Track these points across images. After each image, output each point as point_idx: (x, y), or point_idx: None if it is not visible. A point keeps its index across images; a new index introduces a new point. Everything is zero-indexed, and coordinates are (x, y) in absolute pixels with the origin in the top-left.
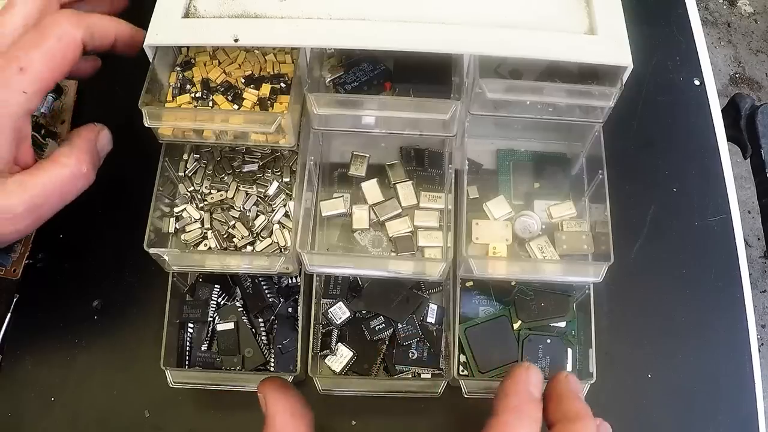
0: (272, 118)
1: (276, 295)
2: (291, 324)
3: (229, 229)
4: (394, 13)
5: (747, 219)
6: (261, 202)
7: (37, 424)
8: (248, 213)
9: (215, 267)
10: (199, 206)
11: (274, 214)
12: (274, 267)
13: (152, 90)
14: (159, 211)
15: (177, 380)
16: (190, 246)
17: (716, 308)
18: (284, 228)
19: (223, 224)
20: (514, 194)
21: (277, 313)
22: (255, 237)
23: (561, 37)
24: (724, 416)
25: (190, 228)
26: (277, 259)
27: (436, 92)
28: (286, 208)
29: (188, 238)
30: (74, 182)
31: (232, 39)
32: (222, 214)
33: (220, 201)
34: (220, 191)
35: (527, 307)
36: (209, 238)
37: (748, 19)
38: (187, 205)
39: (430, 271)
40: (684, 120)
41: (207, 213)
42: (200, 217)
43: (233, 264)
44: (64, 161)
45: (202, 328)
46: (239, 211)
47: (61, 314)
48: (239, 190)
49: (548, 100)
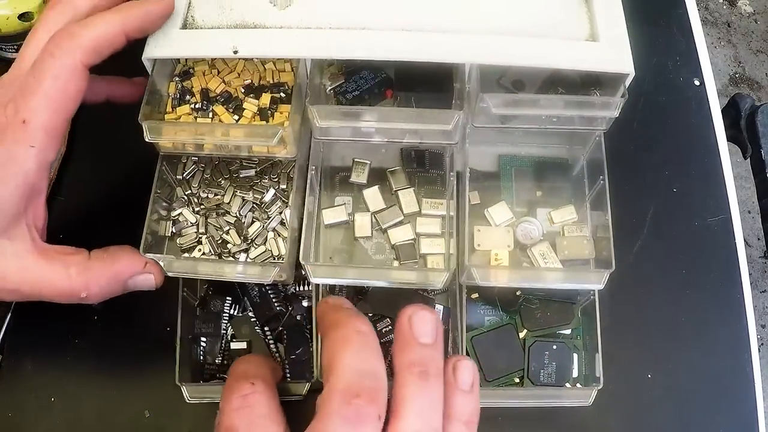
0: (273, 131)
1: (283, 302)
2: (301, 332)
3: (223, 235)
4: (394, 23)
5: (747, 219)
6: (257, 208)
7: (37, 424)
8: (243, 219)
9: (209, 274)
10: (196, 210)
11: (270, 222)
12: (267, 276)
13: (151, 101)
14: (156, 214)
15: (193, 395)
16: (186, 250)
17: (716, 308)
18: (279, 236)
19: (218, 230)
20: (517, 201)
21: (284, 322)
22: (249, 244)
23: (562, 45)
24: (724, 416)
25: (186, 232)
26: (270, 269)
27: (438, 100)
28: (282, 216)
29: (183, 242)
30: (67, 297)
31: (232, 51)
32: (217, 219)
33: (215, 206)
34: (216, 195)
35: (533, 315)
36: (203, 243)
37: (748, 19)
38: (184, 209)
39: (434, 280)
40: (684, 120)
41: (202, 217)
42: (196, 221)
43: (226, 271)
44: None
45: (215, 342)
46: (235, 217)
47: (61, 314)
48: (236, 195)
49: (553, 112)
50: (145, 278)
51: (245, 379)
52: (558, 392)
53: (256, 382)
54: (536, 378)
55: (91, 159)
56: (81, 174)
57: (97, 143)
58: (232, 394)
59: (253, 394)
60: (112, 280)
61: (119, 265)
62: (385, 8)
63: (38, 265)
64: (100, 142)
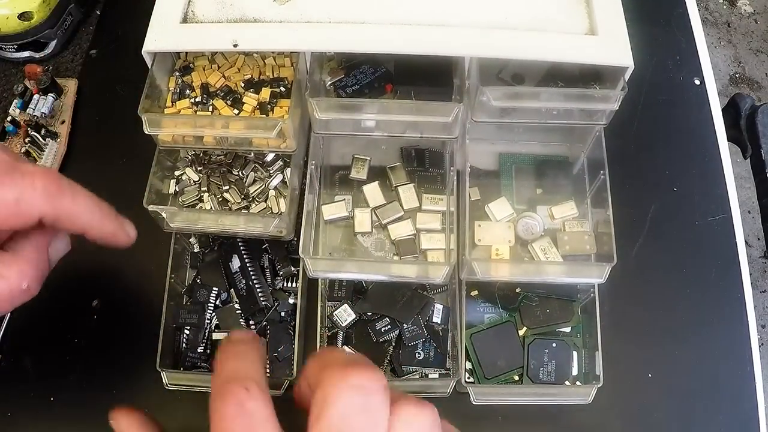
0: (273, 124)
1: (269, 297)
2: (285, 328)
3: (223, 193)
4: (394, 16)
5: (747, 219)
6: (259, 168)
7: (37, 424)
8: (245, 179)
9: (211, 227)
10: (198, 169)
11: (271, 180)
12: (268, 228)
13: (151, 95)
14: (160, 173)
15: (172, 382)
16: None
17: (716, 308)
18: (280, 195)
19: (219, 188)
20: (517, 199)
21: (268, 318)
22: (249, 201)
23: (561, 39)
24: (724, 416)
25: (188, 190)
26: (270, 220)
27: (438, 94)
28: (283, 175)
29: (185, 199)
30: (10, 299)
31: (232, 44)
32: (220, 177)
33: (218, 165)
34: (219, 155)
35: (532, 313)
36: (205, 201)
37: (748, 19)
38: (188, 168)
39: (434, 275)
40: (684, 120)
41: (205, 176)
42: (199, 180)
43: (228, 224)
44: (4, 273)
45: (198, 331)
46: (236, 177)
47: (60, 314)
48: (238, 155)
49: (553, 105)
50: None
51: (237, 381)
52: (558, 390)
53: (251, 387)
54: (536, 376)
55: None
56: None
57: (96, 143)
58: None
59: (250, 400)
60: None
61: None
62: (385, 2)
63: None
64: (99, 143)
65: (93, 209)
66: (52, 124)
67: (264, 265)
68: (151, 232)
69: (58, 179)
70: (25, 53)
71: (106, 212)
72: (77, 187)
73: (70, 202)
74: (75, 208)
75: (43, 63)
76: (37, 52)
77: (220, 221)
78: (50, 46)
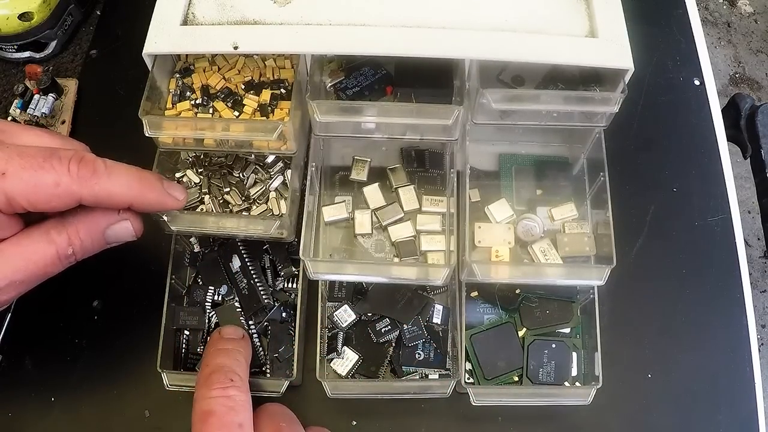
0: (273, 126)
1: (271, 297)
2: (285, 329)
3: (224, 195)
4: (394, 18)
5: (747, 219)
6: (259, 170)
7: (37, 424)
8: (246, 181)
9: (212, 229)
10: (199, 171)
11: (272, 182)
12: (269, 230)
13: (152, 97)
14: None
15: (173, 383)
16: (188, 209)
17: (716, 308)
18: (281, 197)
19: (220, 190)
20: (517, 200)
21: (269, 318)
22: (250, 203)
23: (562, 41)
24: (724, 416)
25: (189, 191)
26: (272, 222)
27: (438, 96)
28: (284, 177)
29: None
30: (58, 261)
31: (232, 46)
32: (220, 179)
33: (218, 166)
34: (220, 157)
35: (532, 314)
36: (206, 203)
37: (748, 19)
38: (189, 170)
39: (434, 276)
40: (684, 120)
41: (205, 178)
42: (200, 182)
43: (229, 226)
44: (54, 238)
45: (198, 332)
46: (237, 178)
47: (61, 314)
48: (239, 156)
49: (553, 107)
50: (122, 226)
51: (222, 373)
52: (557, 391)
53: (234, 379)
54: (535, 377)
55: None
56: None
57: (96, 144)
58: (211, 387)
59: (232, 387)
60: (92, 230)
61: (94, 214)
62: (385, 4)
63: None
64: (99, 143)
65: (132, 185)
66: (52, 124)
67: (265, 265)
68: (152, 233)
69: (92, 162)
70: (25, 53)
71: (148, 183)
72: (115, 166)
73: (106, 182)
74: (112, 189)
75: (44, 63)
76: (37, 53)
77: (221, 224)
78: (50, 47)
